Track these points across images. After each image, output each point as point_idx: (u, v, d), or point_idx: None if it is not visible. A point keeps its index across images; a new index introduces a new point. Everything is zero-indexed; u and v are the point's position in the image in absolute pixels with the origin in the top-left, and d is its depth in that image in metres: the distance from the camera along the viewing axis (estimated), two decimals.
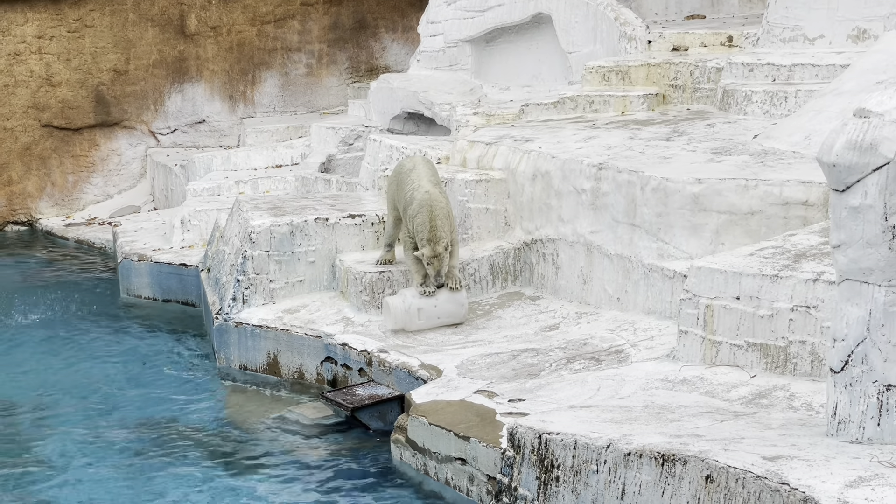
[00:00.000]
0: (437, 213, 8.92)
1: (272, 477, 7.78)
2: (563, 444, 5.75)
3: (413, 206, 9.00)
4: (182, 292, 11.99)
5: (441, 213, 8.94)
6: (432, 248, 8.87)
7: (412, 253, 9.10)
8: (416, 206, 8.97)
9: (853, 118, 5.12)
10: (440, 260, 8.91)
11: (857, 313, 5.15)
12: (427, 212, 8.91)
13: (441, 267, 8.93)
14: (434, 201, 8.97)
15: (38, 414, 9.14)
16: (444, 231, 8.90)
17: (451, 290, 9.03)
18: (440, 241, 8.87)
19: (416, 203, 8.99)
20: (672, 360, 7.39)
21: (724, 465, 5.00)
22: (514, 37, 13.81)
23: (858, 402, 5.19)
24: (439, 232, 8.88)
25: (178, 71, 17.26)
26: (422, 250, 8.89)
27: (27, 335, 11.26)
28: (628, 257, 8.85)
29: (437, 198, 9.03)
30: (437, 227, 8.88)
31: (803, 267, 6.91)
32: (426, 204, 8.94)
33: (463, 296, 9.14)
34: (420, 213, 8.92)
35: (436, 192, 9.08)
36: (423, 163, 9.46)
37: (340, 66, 18.01)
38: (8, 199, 16.53)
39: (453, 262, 9.11)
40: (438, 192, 9.13)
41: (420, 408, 7.52)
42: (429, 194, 9.01)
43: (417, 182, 9.12)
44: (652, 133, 10.21)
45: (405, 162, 9.60)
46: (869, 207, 5.02)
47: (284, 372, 9.52)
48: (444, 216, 8.95)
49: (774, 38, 11.25)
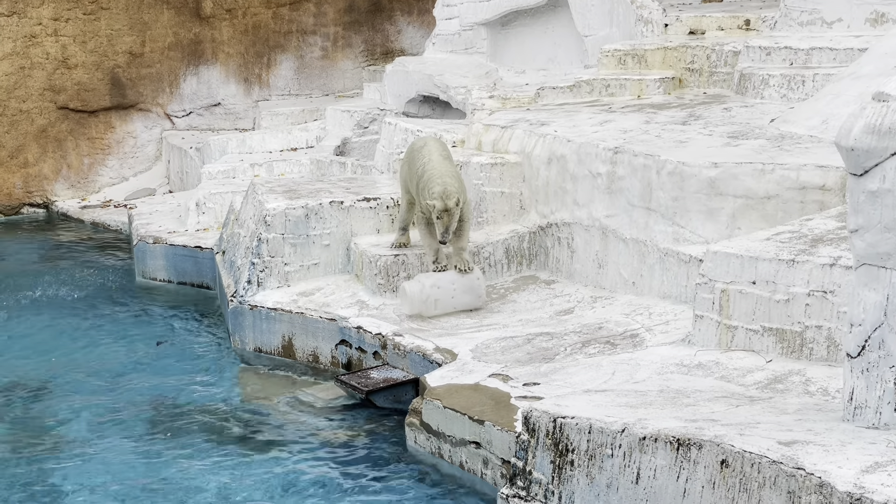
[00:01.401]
0: (447, 177, 8.94)
1: (285, 459, 7.80)
2: (577, 428, 5.75)
3: (425, 176, 9.00)
4: (197, 275, 12.02)
5: (452, 176, 8.97)
6: (443, 201, 8.82)
7: (425, 228, 9.08)
8: (428, 175, 8.98)
9: (872, 102, 5.08)
10: (450, 215, 8.84)
11: (875, 298, 5.12)
12: (438, 175, 8.93)
13: (450, 223, 8.87)
14: (445, 169, 9.01)
15: (53, 395, 9.18)
16: (454, 188, 8.88)
17: (461, 272, 9.00)
18: (451, 196, 8.83)
19: (427, 173, 9.00)
20: (687, 345, 7.37)
21: (739, 450, 4.99)
22: (529, 20, 13.77)
23: (875, 387, 5.16)
24: (450, 188, 8.86)
25: (193, 53, 17.27)
26: (431, 202, 8.81)
27: (43, 317, 11.30)
28: (644, 241, 8.83)
29: (450, 168, 9.09)
30: (448, 184, 8.88)
31: (820, 252, 6.88)
32: (437, 170, 8.97)
33: (481, 282, 9.10)
34: (432, 178, 8.93)
35: (447, 163, 9.12)
36: (433, 141, 9.49)
37: (356, 48, 17.99)
38: (24, 181, 16.57)
39: (462, 244, 9.08)
40: (450, 164, 9.15)
41: (435, 391, 7.52)
42: (441, 164, 9.06)
43: (428, 157, 9.16)
44: (668, 117, 10.18)
45: (416, 142, 9.64)
46: (887, 192, 4.99)
47: (299, 355, 9.53)
48: (455, 179, 8.97)
49: (792, 21, 11.19)
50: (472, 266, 9.12)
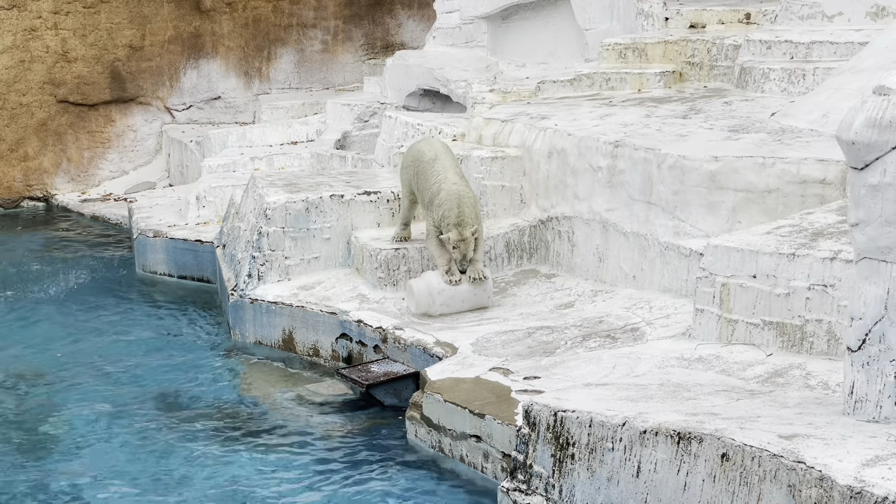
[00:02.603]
0: (464, 202, 8.96)
1: (285, 453, 7.80)
2: (578, 422, 5.75)
3: (441, 195, 9.01)
4: (197, 268, 12.02)
5: (468, 203, 8.98)
6: (459, 231, 8.86)
7: (437, 241, 9.09)
8: (444, 195, 8.99)
9: (872, 96, 5.08)
10: (466, 244, 8.89)
11: (875, 292, 5.12)
12: (455, 200, 8.94)
13: (467, 251, 8.91)
14: (462, 192, 9.03)
15: (54, 388, 9.18)
16: (471, 218, 8.92)
17: (474, 282, 8.98)
18: (467, 226, 8.89)
19: (443, 193, 9.01)
20: (688, 339, 7.37)
21: (740, 444, 4.99)
22: (530, 13, 13.75)
23: (875, 380, 5.17)
24: (467, 218, 8.91)
25: (193, 47, 17.25)
26: (447, 234, 8.87)
27: (43, 310, 11.30)
28: (644, 235, 8.83)
29: (465, 189, 9.09)
30: (465, 214, 8.91)
31: (820, 245, 6.88)
32: (454, 194, 8.98)
33: (489, 282, 9.06)
34: (448, 201, 8.95)
35: (463, 184, 9.15)
36: (444, 150, 9.43)
37: (356, 42, 17.97)
38: (24, 174, 16.57)
39: (478, 255, 9.08)
40: (465, 184, 9.17)
41: (435, 385, 7.52)
42: (457, 186, 9.06)
43: (444, 174, 9.14)
44: (669, 111, 10.17)
45: (424, 149, 9.50)
46: (888, 185, 4.99)
47: (299, 348, 9.53)
48: (471, 205, 8.99)
49: (793, 15, 11.18)
50: (487, 275, 9.07)
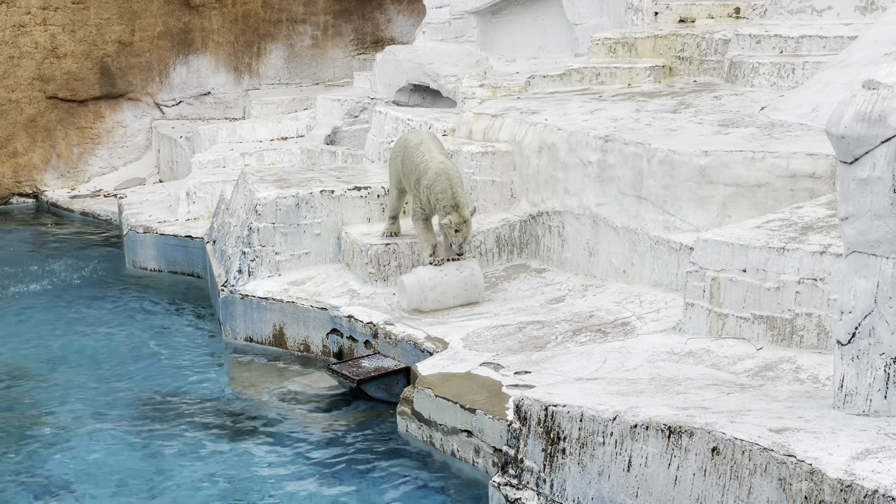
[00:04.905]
0: (454, 181, 8.89)
1: (277, 448, 7.80)
2: (569, 417, 5.75)
3: (429, 175, 8.93)
4: (188, 264, 12.01)
5: (458, 182, 8.91)
6: (460, 213, 8.79)
7: (422, 224, 9.06)
8: (433, 174, 8.90)
9: (862, 90, 5.09)
10: (468, 226, 8.84)
11: (865, 285, 5.13)
12: (445, 179, 8.86)
13: (468, 233, 8.87)
14: (450, 170, 8.95)
15: (44, 384, 9.16)
16: (463, 197, 8.86)
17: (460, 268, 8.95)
18: (465, 207, 8.83)
19: (431, 172, 8.93)
20: (678, 333, 7.38)
21: (730, 438, 5.00)
22: (520, 8, 13.75)
23: (865, 374, 5.18)
24: (461, 198, 8.84)
25: (183, 43, 17.22)
26: (448, 218, 8.78)
27: (33, 307, 11.28)
28: (634, 230, 8.83)
29: (453, 168, 9.03)
30: (459, 194, 8.84)
31: (810, 239, 6.90)
32: (443, 172, 8.89)
33: (479, 277, 9.04)
34: (438, 181, 8.86)
35: (449, 162, 9.08)
36: (429, 137, 9.43)
37: (346, 37, 17.95)
38: (13, 170, 16.53)
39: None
40: (452, 163, 9.11)
41: (426, 380, 7.52)
42: (444, 164, 8.98)
43: (429, 154, 9.09)
44: (658, 105, 10.18)
45: (410, 136, 9.53)
46: (877, 179, 5.00)
47: (290, 344, 9.53)
48: (461, 184, 8.92)
49: (782, 9, 11.20)
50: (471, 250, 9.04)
